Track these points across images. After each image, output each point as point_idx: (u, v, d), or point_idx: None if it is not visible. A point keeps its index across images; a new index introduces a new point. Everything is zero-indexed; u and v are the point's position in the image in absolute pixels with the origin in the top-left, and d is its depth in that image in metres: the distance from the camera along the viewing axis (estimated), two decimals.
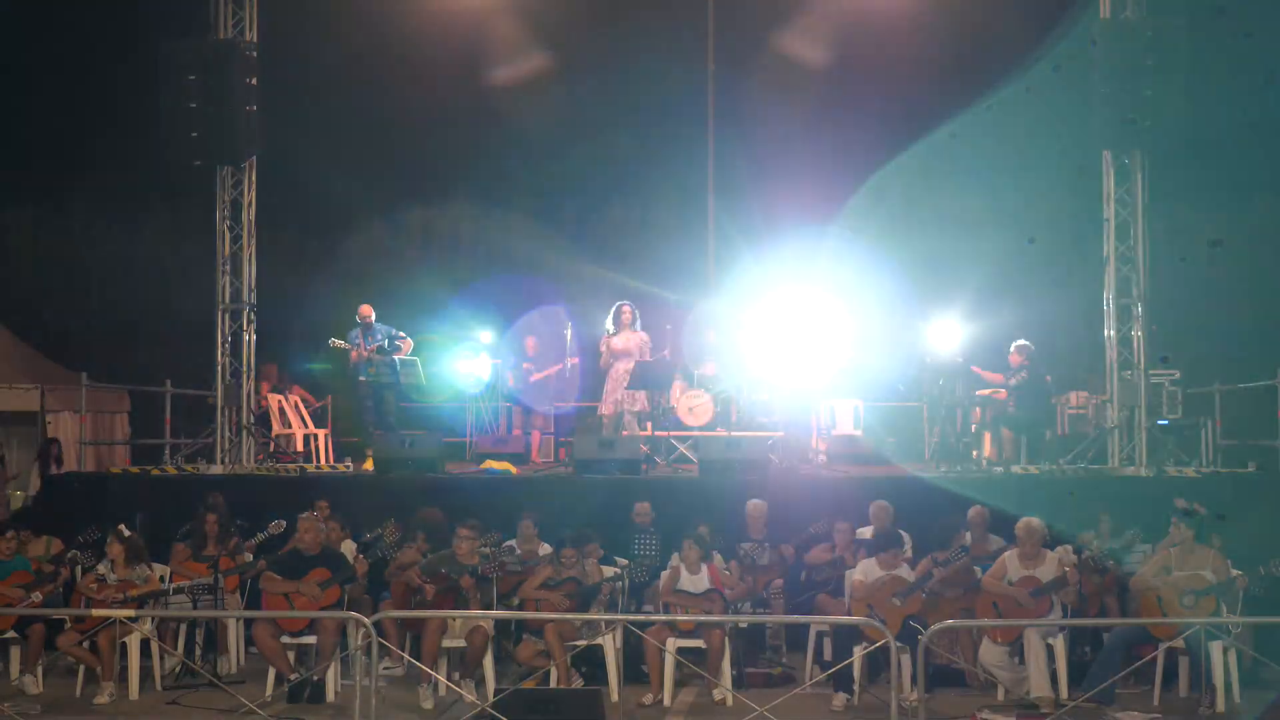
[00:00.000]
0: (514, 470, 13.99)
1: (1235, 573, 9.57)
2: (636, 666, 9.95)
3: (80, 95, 20.59)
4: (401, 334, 14.69)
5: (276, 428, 15.66)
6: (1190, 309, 18.52)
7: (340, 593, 10.11)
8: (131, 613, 9.71)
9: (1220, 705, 9.30)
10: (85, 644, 9.94)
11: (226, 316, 15.20)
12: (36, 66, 20.56)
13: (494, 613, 9.94)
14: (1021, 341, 13.94)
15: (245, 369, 15.08)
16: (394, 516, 11.03)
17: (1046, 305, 19.03)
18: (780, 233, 20.16)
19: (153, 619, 10.21)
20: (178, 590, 10.53)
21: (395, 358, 14.41)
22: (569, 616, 9.83)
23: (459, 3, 16.98)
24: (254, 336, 15.26)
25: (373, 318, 14.62)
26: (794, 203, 20.08)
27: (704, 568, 10.13)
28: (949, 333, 14.98)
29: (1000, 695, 9.58)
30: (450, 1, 16.94)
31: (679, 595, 10.04)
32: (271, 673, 9.88)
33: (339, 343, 14.61)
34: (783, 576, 10.89)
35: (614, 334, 14.87)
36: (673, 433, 14.75)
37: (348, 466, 14.79)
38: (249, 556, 10.85)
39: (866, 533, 10.93)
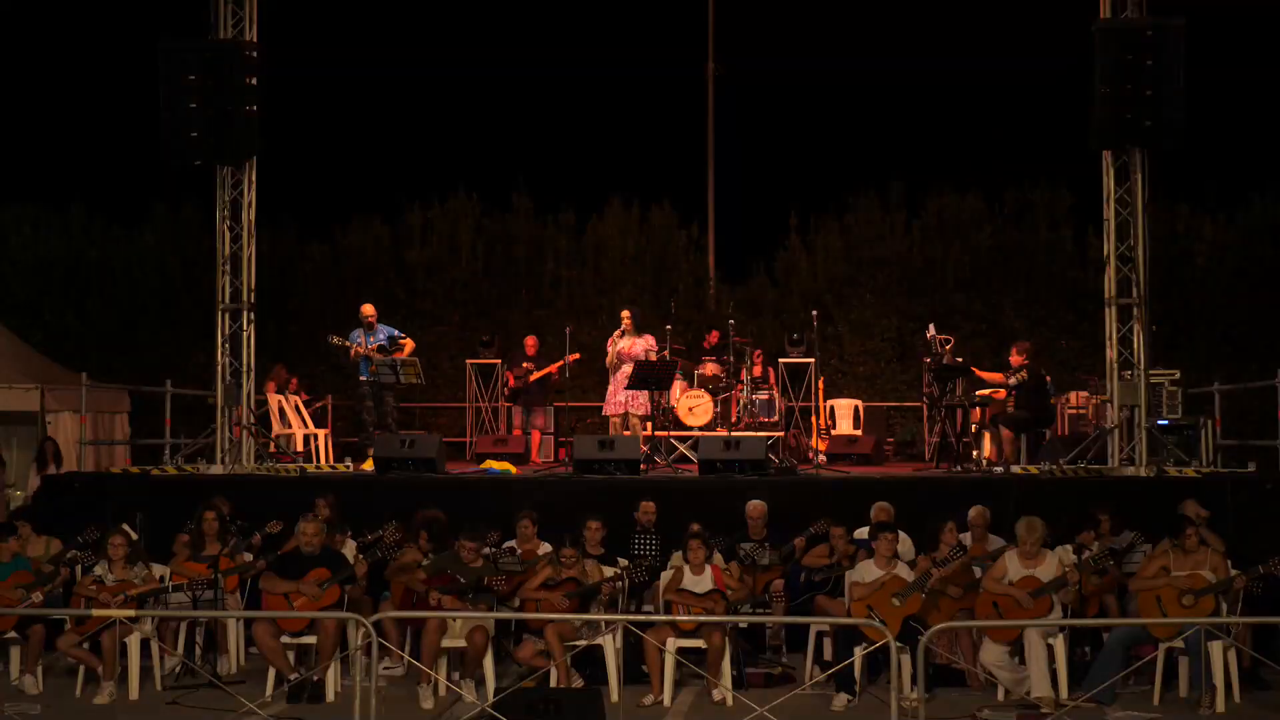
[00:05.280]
0: (514, 470, 13.98)
1: (1235, 572, 9.56)
2: (636, 666, 9.93)
3: (80, 95, 20.62)
4: (403, 335, 14.70)
5: (276, 428, 15.66)
6: (1190, 309, 18.57)
7: (340, 593, 10.10)
8: (132, 613, 9.71)
9: (1220, 705, 9.29)
10: (85, 644, 9.94)
11: (226, 316, 15.18)
12: (37, 66, 20.58)
13: (494, 613, 9.94)
14: (1022, 341, 13.93)
15: (245, 369, 15.07)
16: (394, 517, 11.01)
17: (1046, 305, 19.08)
18: (780, 232, 20.22)
19: (153, 619, 10.20)
20: (177, 590, 10.52)
21: (394, 357, 14.41)
22: (569, 616, 9.82)
23: (459, 2, 16.98)
24: (254, 336, 15.25)
25: (375, 318, 14.65)
26: (794, 202, 20.15)
27: (707, 568, 10.12)
28: (949, 333, 14.98)
29: (1000, 695, 9.58)
30: (450, 1, 16.95)
31: (682, 595, 10.03)
32: (271, 673, 9.87)
33: (337, 339, 14.63)
34: (783, 577, 10.89)
35: (617, 339, 14.88)
36: (673, 433, 14.75)
37: (348, 466, 14.79)
38: (249, 556, 10.85)
39: (866, 533, 10.91)
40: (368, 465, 13.99)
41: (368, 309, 14.69)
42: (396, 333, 14.70)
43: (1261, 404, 14.78)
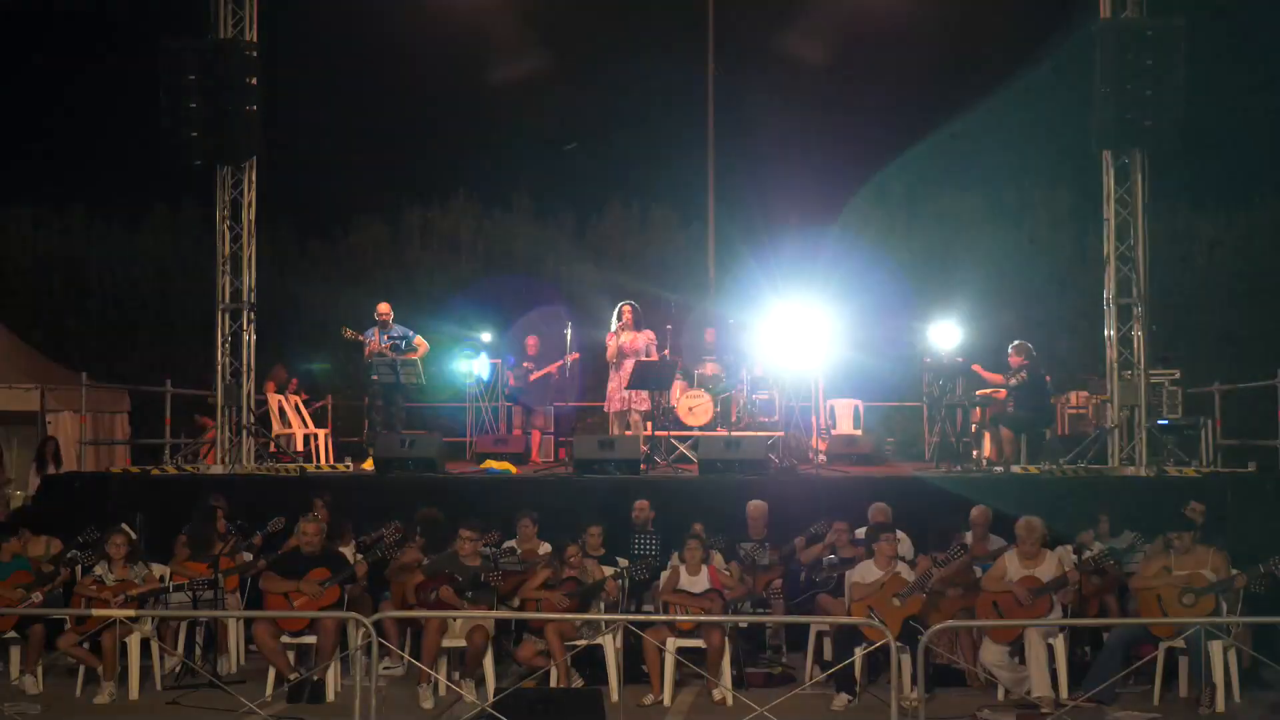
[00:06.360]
0: (514, 470, 13.97)
1: (1235, 572, 9.57)
2: (636, 666, 9.94)
3: (80, 95, 20.61)
4: (416, 336, 14.67)
5: (276, 428, 15.66)
6: (1190, 309, 18.58)
7: (340, 593, 10.10)
8: (132, 613, 9.71)
9: (1220, 705, 9.29)
10: (85, 644, 9.94)
11: (226, 316, 15.17)
12: (37, 66, 20.58)
13: (494, 613, 9.94)
14: (1021, 342, 13.94)
15: (245, 369, 15.06)
16: (394, 517, 11.01)
17: (1046, 305, 19.09)
18: (780, 232, 20.23)
19: (153, 619, 10.21)
20: (178, 590, 10.52)
21: (397, 358, 14.40)
22: (569, 616, 9.83)
23: (459, 3, 16.98)
24: (254, 336, 15.24)
25: (390, 317, 14.64)
26: (794, 203, 20.16)
27: (704, 568, 10.13)
28: (949, 333, 14.98)
29: (1000, 695, 9.58)
30: (451, 2, 16.94)
31: (679, 595, 10.04)
32: (271, 673, 9.87)
33: (350, 332, 14.59)
34: (783, 577, 10.88)
35: (619, 333, 14.85)
36: (673, 433, 14.74)
37: (348, 466, 14.78)
38: (249, 556, 10.85)
39: (865, 534, 10.91)
40: (368, 465, 14.00)
41: (383, 308, 14.69)
42: (411, 333, 14.69)
43: (1261, 404, 14.76)
